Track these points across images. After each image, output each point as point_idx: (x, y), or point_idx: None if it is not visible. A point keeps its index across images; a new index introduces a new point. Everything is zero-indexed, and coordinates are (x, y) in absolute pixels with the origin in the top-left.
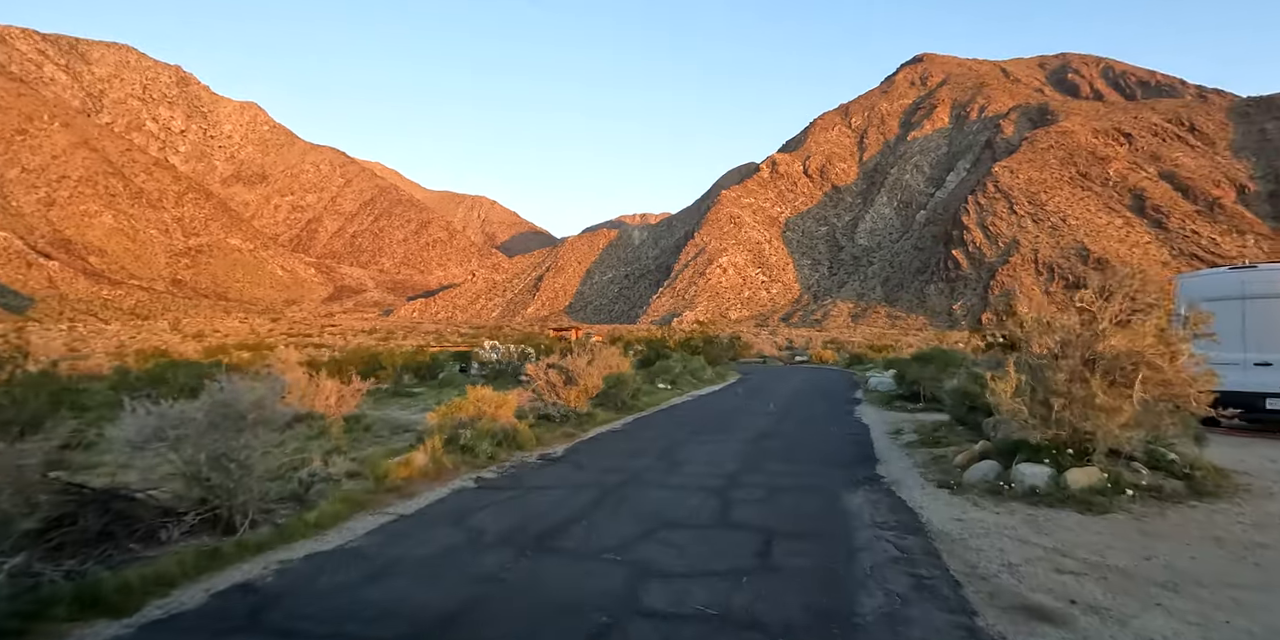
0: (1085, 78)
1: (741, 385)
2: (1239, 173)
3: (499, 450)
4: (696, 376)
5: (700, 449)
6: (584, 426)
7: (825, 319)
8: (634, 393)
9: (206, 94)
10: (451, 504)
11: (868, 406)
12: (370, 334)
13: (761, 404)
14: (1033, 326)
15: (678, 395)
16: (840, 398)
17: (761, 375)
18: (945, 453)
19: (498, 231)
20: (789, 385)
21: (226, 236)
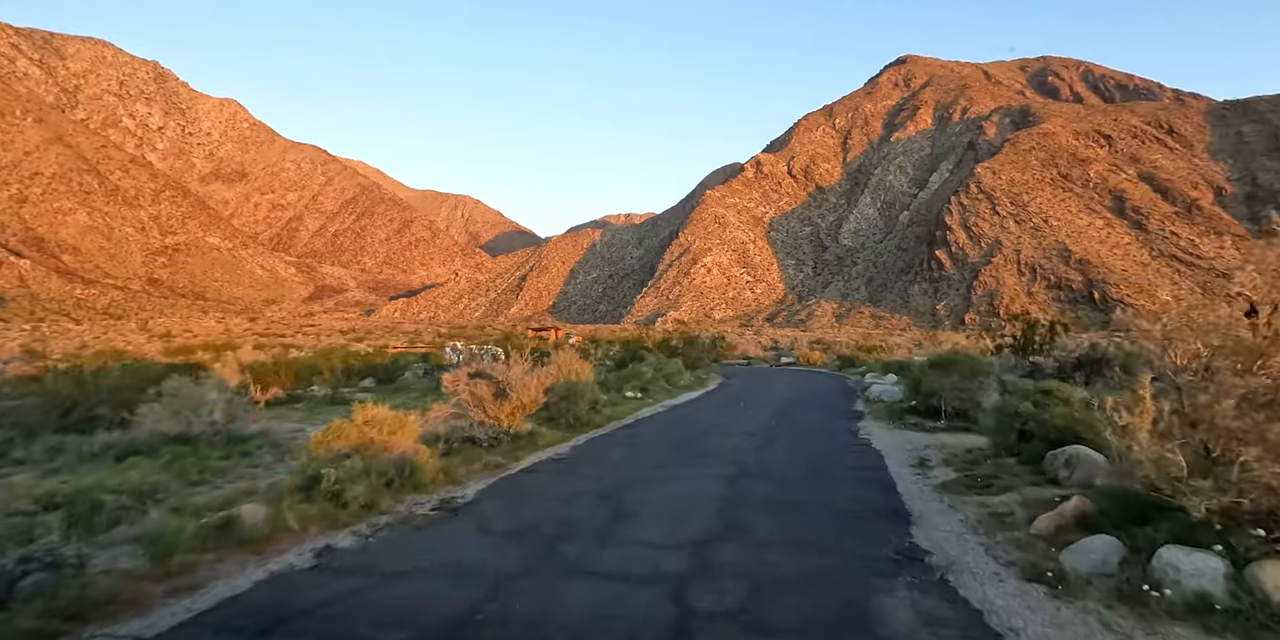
0: (1065, 80)
1: (723, 392)
2: (1216, 175)
3: (384, 494)
4: (672, 382)
5: (659, 491)
6: (518, 452)
7: (810, 319)
8: (593, 405)
9: (185, 90)
10: (237, 610)
11: (873, 422)
12: (345, 334)
13: (745, 418)
14: (1177, 324)
15: (647, 406)
16: (838, 410)
17: (745, 379)
18: (1006, 504)
19: (481, 231)
20: (776, 392)
21: (205, 235)
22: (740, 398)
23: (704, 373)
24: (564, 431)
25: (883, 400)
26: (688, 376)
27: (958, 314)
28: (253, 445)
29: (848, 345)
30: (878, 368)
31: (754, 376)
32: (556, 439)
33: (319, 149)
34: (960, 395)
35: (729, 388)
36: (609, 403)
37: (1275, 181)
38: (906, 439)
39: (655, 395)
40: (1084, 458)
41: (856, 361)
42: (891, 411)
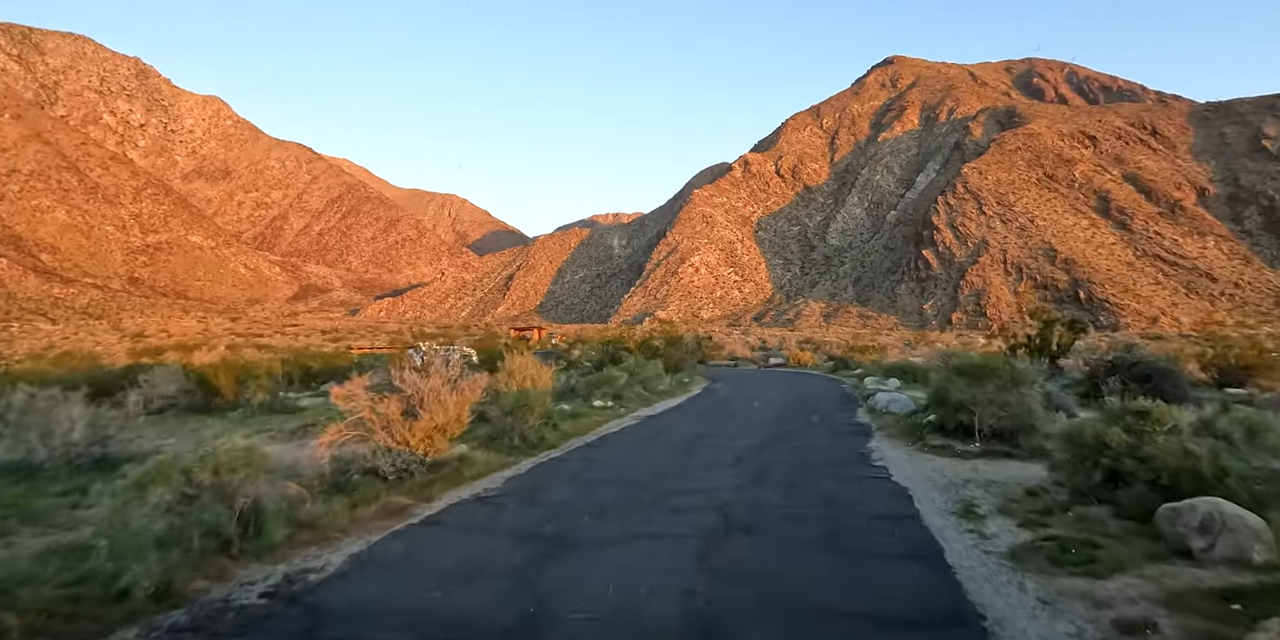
0: (1050, 82)
1: (706, 399)
2: (1199, 176)
3: (205, 565)
4: (649, 388)
5: (602, 570)
6: (433, 488)
7: (797, 319)
8: (547, 418)
9: (168, 87)
10: None
11: (887, 442)
12: (325, 334)
13: (729, 434)
14: None
15: (617, 418)
16: (841, 424)
17: (732, 383)
18: (1134, 600)
19: (469, 230)
20: (766, 399)
21: (187, 234)
22: (725, 406)
23: (687, 375)
24: (505, 455)
25: (891, 411)
26: (668, 381)
27: (945, 314)
28: (116, 475)
29: (838, 345)
30: (877, 371)
31: (741, 379)
32: (492, 466)
33: (304, 147)
34: (998, 410)
35: (713, 394)
36: (571, 414)
37: (1257, 182)
38: (935, 468)
39: (629, 404)
40: (1230, 520)
41: (851, 363)
42: (907, 427)
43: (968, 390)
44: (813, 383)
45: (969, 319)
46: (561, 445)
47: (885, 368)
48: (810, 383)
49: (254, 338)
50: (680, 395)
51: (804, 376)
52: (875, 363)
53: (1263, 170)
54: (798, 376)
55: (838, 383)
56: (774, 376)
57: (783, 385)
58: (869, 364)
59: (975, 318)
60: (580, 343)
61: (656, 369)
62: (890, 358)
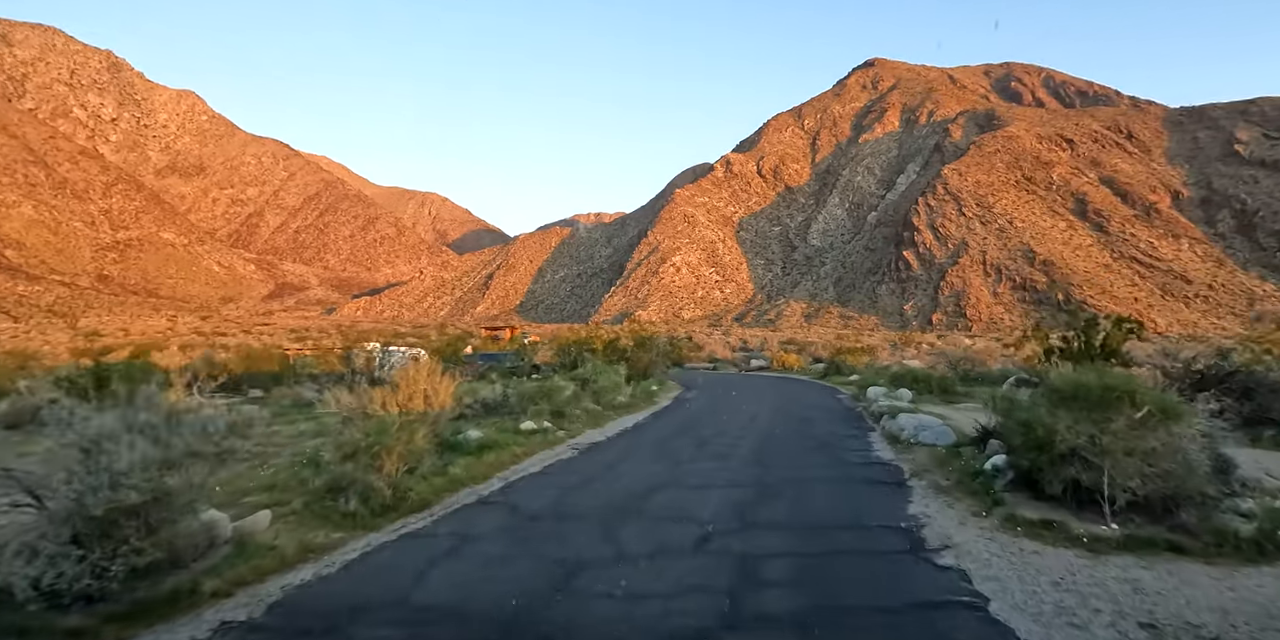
0: (1028, 86)
1: (673, 416)
2: (1173, 179)
3: None
4: (603, 400)
5: None
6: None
7: (779, 319)
8: (415, 461)
9: (140, 81)
10: None
11: (940, 503)
12: (292, 333)
13: (692, 482)
14: None
15: (546, 448)
16: (855, 462)
17: (708, 391)
18: None
19: (449, 229)
20: (747, 416)
21: (159, 230)
22: (695, 429)
23: (657, 382)
24: (332, 528)
25: (922, 442)
26: (628, 391)
27: (925, 314)
28: None
29: (824, 346)
30: (877, 377)
31: (720, 387)
32: (271, 565)
33: (281, 143)
34: (1142, 465)
35: (684, 407)
36: (480, 447)
37: (1229, 186)
38: (1059, 580)
39: (571, 425)
40: None
41: (843, 367)
42: (959, 475)
43: (1080, 427)
44: (803, 391)
45: (949, 319)
46: (437, 505)
47: (890, 375)
48: (800, 391)
49: (218, 337)
50: (643, 409)
51: (791, 383)
52: (869, 366)
53: (1235, 174)
54: (783, 383)
55: (832, 392)
56: (757, 383)
57: (768, 395)
58: (863, 368)
59: (955, 318)
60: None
61: (614, 378)
62: (882, 360)
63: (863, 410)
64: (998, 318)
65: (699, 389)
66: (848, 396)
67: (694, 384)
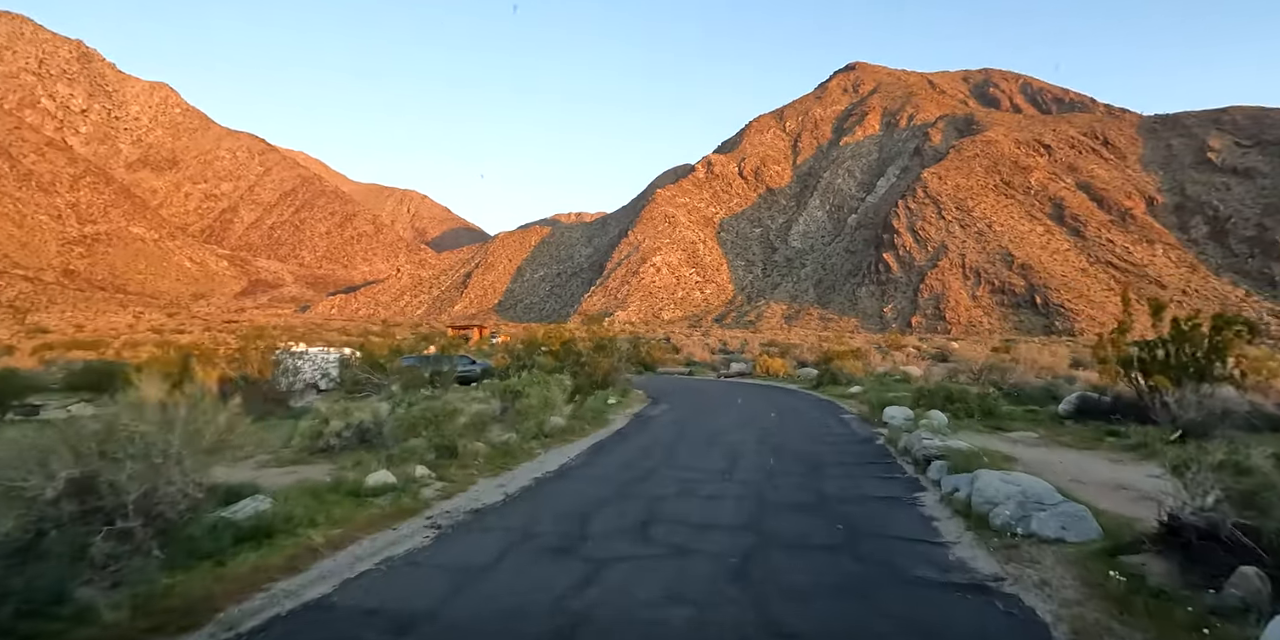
0: (1005, 93)
1: (619, 450)
2: (1148, 185)
3: None
4: (526, 426)
5: None
6: None
7: (759, 320)
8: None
9: (112, 72)
10: None
11: None
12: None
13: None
14: None
15: (384, 527)
16: (932, 589)
17: (680, 405)
18: None
19: (428, 227)
20: (725, 455)
21: (128, 225)
22: (647, 484)
23: (617, 394)
24: None
25: (1036, 534)
26: (568, 411)
27: (905, 317)
28: None
29: (811, 349)
30: (894, 394)
31: (693, 399)
32: None
33: (257, 138)
34: None
35: (639, 437)
36: (263, 530)
37: (1202, 193)
38: None
39: (462, 470)
40: None
41: (839, 375)
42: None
43: None
44: (796, 408)
45: (928, 322)
46: None
47: (914, 390)
48: (792, 408)
49: (176, 334)
50: (583, 438)
51: (778, 394)
52: (872, 375)
53: (1208, 181)
54: (770, 394)
55: (834, 410)
56: (737, 393)
57: (753, 411)
58: (864, 377)
59: (935, 321)
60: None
61: (550, 395)
62: (875, 365)
63: (887, 443)
64: (976, 321)
65: (667, 402)
66: (856, 417)
67: (663, 394)
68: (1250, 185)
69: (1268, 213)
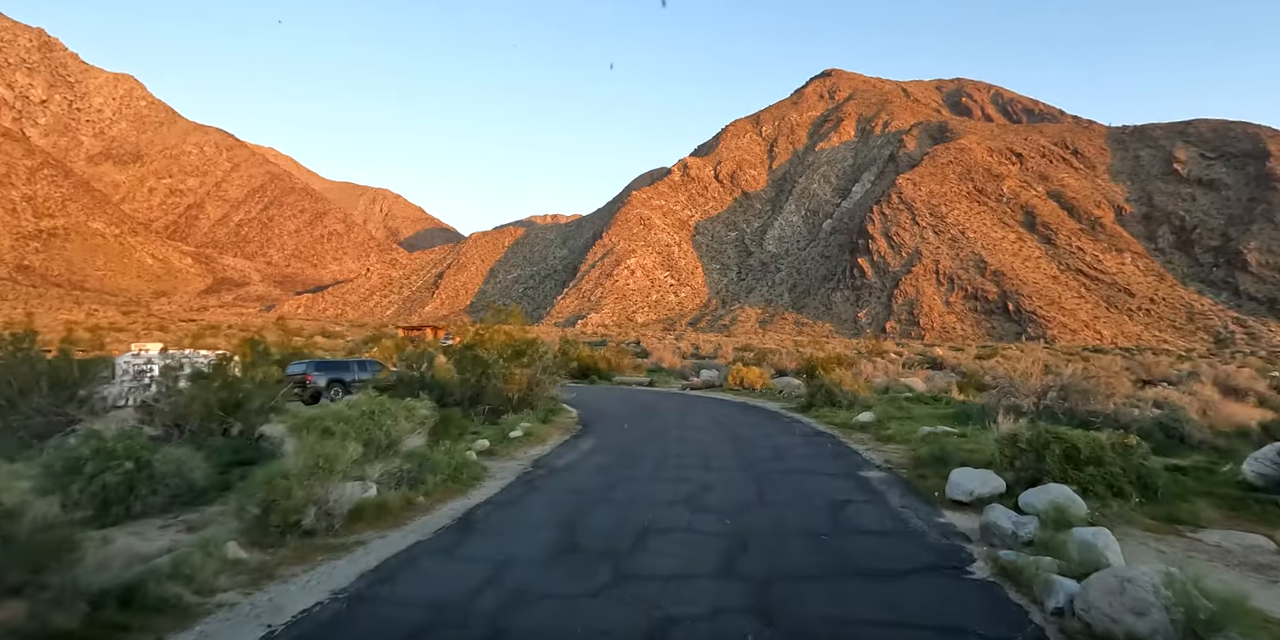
0: (977, 102)
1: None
2: (1117, 195)
3: None
4: (300, 509)
5: None
6: None
7: (733, 324)
8: None
9: (74, 62)
10: None
11: None
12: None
13: None
14: None
15: None
16: None
17: (601, 448)
18: None
19: (401, 226)
20: None
21: (88, 219)
22: None
23: (533, 418)
24: None
25: None
26: (378, 471)
27: (879, 322)
28: None
29: (790, 355)
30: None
31: (638, 427)
32: None
33: (225, 133)
34: None
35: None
36: None
37: (1169, 203)
38: None
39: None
40: None
41: (835, 392)
42: None
43: None
44: (784, 452)
45: (903, 328)
46: None
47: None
48: (779, 453)
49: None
50: (382, 542)
51: (755, 417)
52: (888, 395)
53: (1174, 192)
54: (744, 417)
55: (845, 457)
56: (700, 418)
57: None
58: (871, 397)
59: (909, 326)
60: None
61: (342, 445)
62: (867, 374)
63: (998, 574)
64: (950, 327)
65: (596, 435)
66: (892, 481)
67: (600, 419)
68: (1215, 196)
69: (1232, 223)
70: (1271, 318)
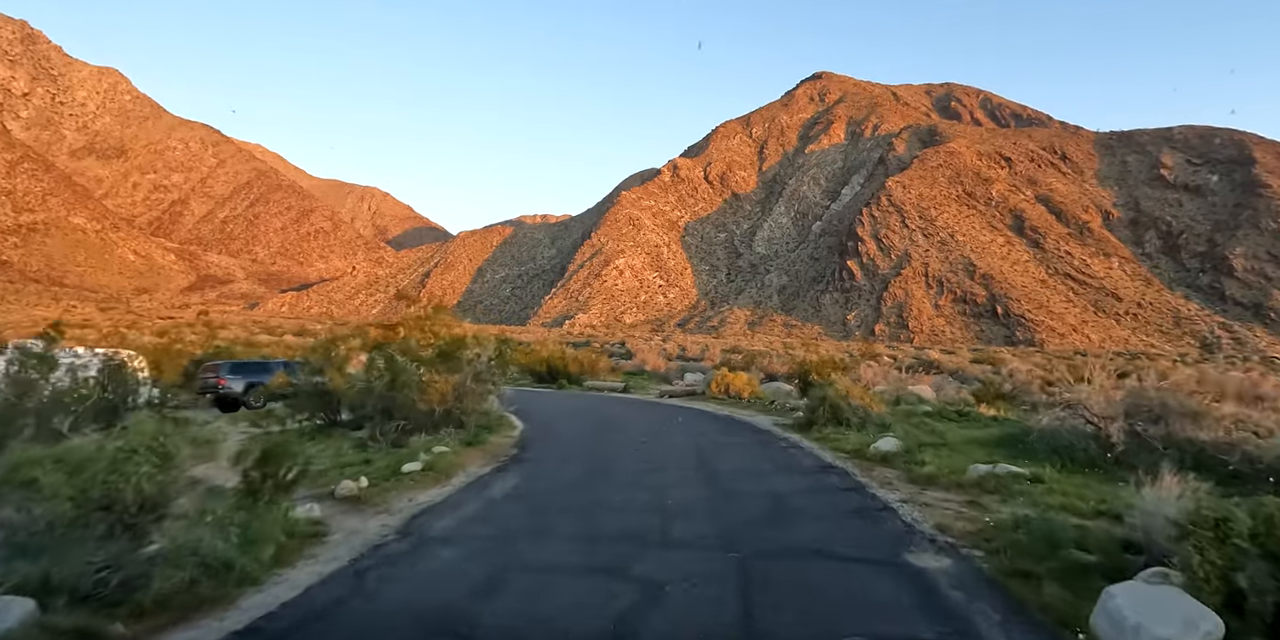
0: (966, 107)
1: None
2: (1104, 200)
3: None
4: None
5: None
6: None
7: (722, 326)
8: None
9: (58, 55)
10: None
11: None
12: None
13: None
14: None
15: None
16: None
17: (524, 493)
18: None
19: (389, 225)
20: None
21: (69, 214)
22: None
23: (453, 442)
24: None
25: None
26: None
27: (868, 324)
28: None
29: (781, 358)
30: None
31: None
32: None
33: (211, 128)
34: None
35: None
36: None
37: (1156, 209)
38: None
39: None
40: None
41: (840, 408)
42: None
43: None
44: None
45: (892, 330)
46: None
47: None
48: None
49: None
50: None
51: (741, 436)
52: (889, 404)
53: (1161, 197)
54: (729, 436)
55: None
56: (674, 441)
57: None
58: (889, 415)
59: (898, 329)
60: None
61: None
62: (867, 380)
63: None
64: (939, 330)
65: (523, 469)
66: (955, 575)
67: (546, 436)
68: (1201, 202)
69: (1218, 229)
70: (1257, 323)
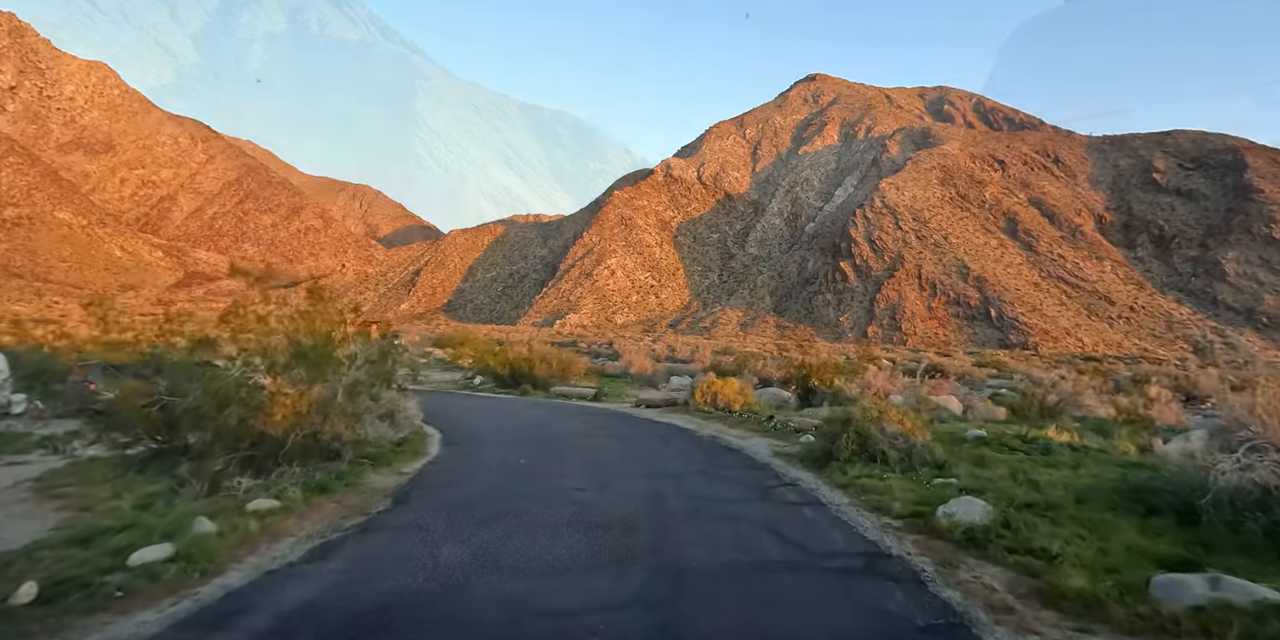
0: (960, 110)
1: None
2: (1096, 204)
3: None
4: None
5: None
6: None
7: (714, 326)
8: None
9: (46, 49)
10: None
11: None
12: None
13: None
14: None
15: None
16: None
17: None
18: None
19: (381, 223)
20: None
21: (54, 209)
22: None
23: (298, 491)
24: None
25: None
26: None
27: (861, 326)
28: None
29: (777, 360)
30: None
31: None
32: None
33: (201, 124)
34: None
35: None
36: None
37: (1148, 213)
38: None
39: None
40: None
41: (868, 432)
42: None
43: None
44: None
45: (885, 333)
46: None
47: None
48: None
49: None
50: None
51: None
52: (927, 422)
53: (1153, 201)
54: (713, 483)
55: None
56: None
57: None
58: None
59: (890, 331)
60: None
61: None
62: (877, 387)
63: None
64: (932, 332)
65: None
66: None
67: (457, 476)
68: (1194, 206)
69: (1210, 233)
70: (1249, 327)
